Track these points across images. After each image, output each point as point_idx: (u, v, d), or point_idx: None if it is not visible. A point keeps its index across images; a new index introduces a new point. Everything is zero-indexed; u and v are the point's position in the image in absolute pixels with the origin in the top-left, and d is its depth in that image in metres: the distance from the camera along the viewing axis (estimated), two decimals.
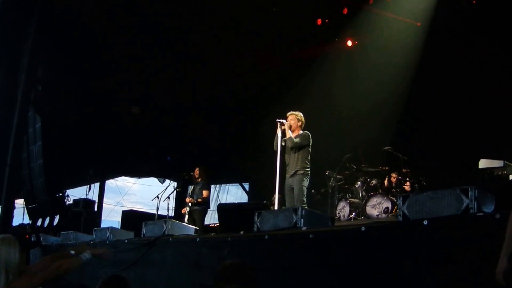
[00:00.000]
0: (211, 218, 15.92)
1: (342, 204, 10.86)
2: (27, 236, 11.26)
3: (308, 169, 8.36)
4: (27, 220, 15.33)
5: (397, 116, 12.35)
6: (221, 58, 13.87)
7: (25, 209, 15.51)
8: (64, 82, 14.48)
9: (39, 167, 14.31)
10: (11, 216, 12.68)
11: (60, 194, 15.06)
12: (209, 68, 14.34)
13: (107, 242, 8.35)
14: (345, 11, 12.59)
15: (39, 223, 14.33)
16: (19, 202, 15.28)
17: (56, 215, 13.93)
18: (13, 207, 13.03)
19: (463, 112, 11.20)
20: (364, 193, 10.80)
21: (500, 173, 8.07)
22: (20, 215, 15.49)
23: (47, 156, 14.20)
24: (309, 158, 8.46)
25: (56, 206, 14.30)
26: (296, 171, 8.29)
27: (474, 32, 10.92)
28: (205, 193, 11.06)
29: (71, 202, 14.98)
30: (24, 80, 13.40)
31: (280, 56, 13.62)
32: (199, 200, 10.99)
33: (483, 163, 8.30)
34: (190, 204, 11.03)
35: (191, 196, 11.22)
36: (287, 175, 8.40)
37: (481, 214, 4.22)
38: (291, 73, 13.97)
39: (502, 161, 8.15)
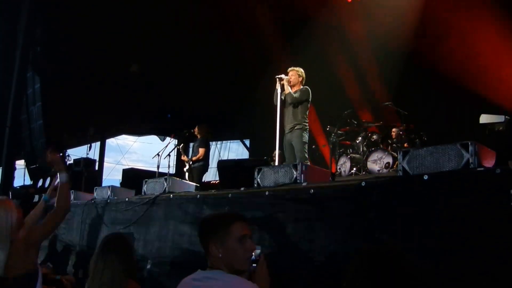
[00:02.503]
0: (213, 175, 15.99)
1: (343, 160, 10.88)
2: (30, 196, 11.30)
3: (307, 124, 8.37)
4: (28, 181, 15.38)
5: (398, 71, 12.26)
6: (219, 14, 13.70)
7: (26, 169, 15.55)
8: (63, 42, 14.35)
9: (39, 128, 14.29)
10: (12, 177, 12.74)
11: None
12: (208, 25, 14.18)
13: (108, 201, 8.37)
14: None
15: (40, 183, 14.37)
16: (20, 163, 15.32)
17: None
18: (13, 168, 13.08)
19: (465, 67, 11.11)
20: (365, 149, 10.80)
21: (501, 128, 8.05)
22: (21, 176, 15.55)
23: (47, 116, 14.16)
24: (307, 113, 8.45)
25: None
26: (294, 125, 8.29)
27: None
28: (201, 150, 11.07)
29: (71, 161, 15.00)
30: (23, 41, 13.30)
31: (280, 10, 13.45)
32: (195, 158, 11.02)
33: (484, 118, 8.28)
34: (190, 162, 11.07)
35: (192, 153, 11.27)
36: (286, 130, 8.41)
37: (482, 169, 4.20)
38: (291, 28, 13.81)
39: (503, 116, 8.13)
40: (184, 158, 11.33)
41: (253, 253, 2.91)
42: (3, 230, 3.85)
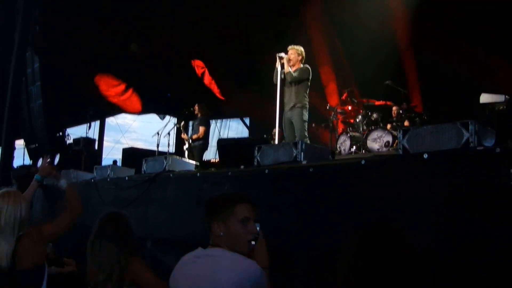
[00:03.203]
0: (213, 153, 15.98)
1: (343, 138, 10.86)
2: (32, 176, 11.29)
3: (307, 103, 8.38)
4: (27, 161, 15.38)
5: (398, 50, 12.20)
6: None
7: (25, 149, 15.53)
8: (62, 21, 14.26)
9: (39, 107, 14.23)
10: (11, 157, 12.74)
11: (60, 134, 15.07)
12: (208, 3, 14.07)
13: (108, 180, 8.38)
14: None
15: (39, 163, 14.35)
16: (19, 143, 15.30)
17: (57, 154, 13.96)
18: (13, 148, 13.07)
19: (465, 46, 11.05)
20: (365, 127, 10.79)
21: (501, 107, 8.04)
22: (20, 156, 15.55)
23: (46, 96, 14.11)
24: (308, 92, 8.45)
25: (57, 146, 14.31)
26: (295, 104, 8.30)
27: None
28: (201, 129, 11.06)
29: (71, 141, 14.99)
30: (21, 21, 13.20)
31: None
32: (195, 136, 11.01)
33: (484, 98, 8.25)
34: (190, 140, 11.07)
35: (192, 132, 11.27)
36: (286, 109, 8.42)
37: (481, 148, 4.21)
38: (291, 6, 13.72)
39: (503, 96, 8.11)
40: (184, 136, 11.33)
41: None
42: (11, 223, 3.84)
